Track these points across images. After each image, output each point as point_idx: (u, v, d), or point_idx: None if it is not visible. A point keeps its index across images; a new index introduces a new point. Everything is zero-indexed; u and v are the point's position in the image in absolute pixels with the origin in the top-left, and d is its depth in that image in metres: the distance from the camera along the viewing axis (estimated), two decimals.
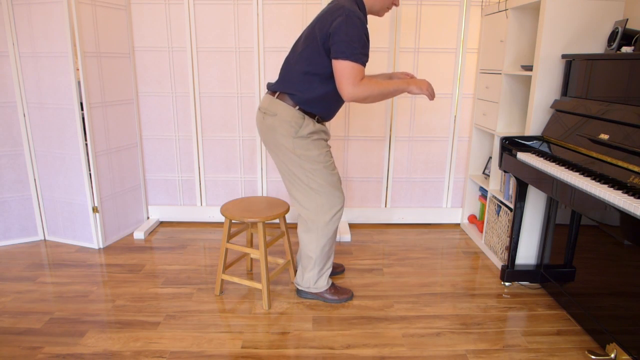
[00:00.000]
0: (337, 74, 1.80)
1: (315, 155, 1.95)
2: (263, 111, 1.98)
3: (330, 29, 1.77)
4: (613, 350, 1.71)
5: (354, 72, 1.77)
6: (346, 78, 1.78)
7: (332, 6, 1.84)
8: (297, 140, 1.92)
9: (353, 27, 1.75)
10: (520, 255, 2.35)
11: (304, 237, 2.08)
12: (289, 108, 1.91)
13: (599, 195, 1.54)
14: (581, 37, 2.08)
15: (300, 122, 1.92)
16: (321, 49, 1.82)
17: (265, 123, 1.97)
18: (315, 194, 1.99)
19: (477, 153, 2.98)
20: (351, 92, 1.80)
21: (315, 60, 1.85)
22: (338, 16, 1.76)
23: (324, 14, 1.84)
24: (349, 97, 1.81)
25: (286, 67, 1.96)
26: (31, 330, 1.92)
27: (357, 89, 1.79)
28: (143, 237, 2.91)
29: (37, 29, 2.47)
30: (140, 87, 2.96)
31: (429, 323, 2.01)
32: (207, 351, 1.80)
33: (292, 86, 1.91)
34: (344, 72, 1.77)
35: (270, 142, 1.98)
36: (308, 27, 1.92)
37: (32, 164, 2.72)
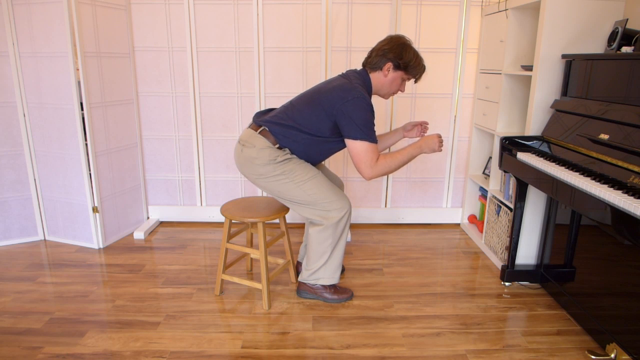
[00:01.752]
0: (354, 155, 1.93)
1: (296, 166, 1.98)
2: (242, 143, 2.02)
3: (341, 109, 1.87)
4: (613, 350, 1.71)
5: (370, 153, 1.91)
6: (363, 161, 1.91)
7: (345, 83, 1.93)
8: (277, 165, 1.96)
9: (364, 110, 1.87)
10: (520, 255, 2.35)
11: (317, 236, 2.05)
12: (268, 143, 1.96)
13: (599, 195, 1.54)
14: (581, 37, 2.08)
15: (278, 152, 1.96)
16: (324, 116, 1.92)
17: (243, 155, 2.00)
18: (317, 203, 1.99)
19: (477, 153, 2.98)
20: (369, 174, 1.94)
21: (312, 123, 1.94)
22: (352, 97, 1.87)
23: (336, 88, 1.92)
24: (369, 177, 1.95)
25: (281, 115, 2.00)
26: (31, 330, 1.92)
27: (375, 169, 1.93)
28: (143, 237, 2.91)
29: (37, 29, 2.47)
30: (140, 87, 2.96)
31: (429, 323, 2.01)
32: (207, 351, 1.80)
33: (278, 131, 1.97)
34: (361, 154, 1.91)
35: (251, 173, 2.01)
36: (313, 92, 2.00)
37: (32, 164, 2.72)
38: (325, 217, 2.01)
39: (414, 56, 1.98)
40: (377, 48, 2.01)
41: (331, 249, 2.06)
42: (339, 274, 2.14)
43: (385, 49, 1.97)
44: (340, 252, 2.10)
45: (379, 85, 2.04)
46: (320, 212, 2.01)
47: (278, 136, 1.97)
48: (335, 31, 2.85)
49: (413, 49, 1.99)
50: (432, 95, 2.99)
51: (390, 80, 2.01)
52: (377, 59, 1.99)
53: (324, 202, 1.99)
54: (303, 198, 1.99)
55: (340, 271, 2.15)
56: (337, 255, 2.09)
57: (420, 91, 2.97)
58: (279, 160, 1.95)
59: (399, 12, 2.83)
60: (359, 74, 2.02)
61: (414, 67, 1.99)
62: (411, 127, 2.25)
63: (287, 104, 2.06)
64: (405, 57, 1.96)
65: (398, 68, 1.98)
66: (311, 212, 2.03)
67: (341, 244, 2.08)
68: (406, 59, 1.96)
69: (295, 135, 1.96)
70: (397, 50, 1.96)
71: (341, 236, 2.07)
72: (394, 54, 1.96)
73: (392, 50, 1.96)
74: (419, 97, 2.98)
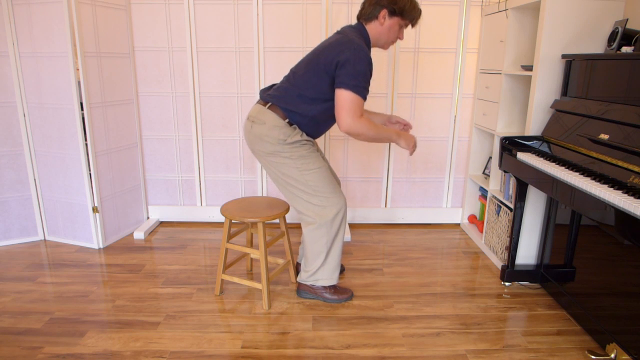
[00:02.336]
0: (338, 103, 1.85)
1: (306, 153, 1.97)
2: (252, 120, 2.00)
3: (337, 59, 1.82)
4: (613, 350, 1.71)
5: (354, 104, 1.83)
6: (346, 109, 1.83)
7: (341, 37, 1.88)
8: (286, 146, 1.94)
9: (360, 62, 1.81)
10: (520, 255, 2.35)
11: (311, 235, 2.05)
12: (278, 119, 1.94)
13: (599, 195, 1.54)
14: (581, 37, 2.08)
15: (289, 132, 1.95)
16: (323, 74, 1.87)
17: (252, 132, 1.98)
18: (314, 196, 1.99)
19: (477, 153, 2.98)
20: (348, 124, 1.85)
21: (313, 84, 1.90)
22: (347, 49, 1.81)
23: (332, 44, 1.88)
24: (345, 127, 1.86)
25: (283, 85, 1.99)
26: (31, 330, 1.92)
27: (354, 122, 1.85)
28: (143, 237, 2.91)
29: (37, 29, 2.47)
30: (140, 87, 2.96)
31: (429, 323, 2.01)
32: (207, 351, 1.80)
33: (285, 103, 1.95)
34: (344, 102, 1.83)
35: (259, 150, 2.00)
36: (311, 54, 1.96)
37: (32, 164, 2.72)
38: (318, 213, 2.00)
39: (409, 0, 1.93)
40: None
41: (327, 248, 2.05)
42: (337, 275, 2.14)
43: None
44: (337, 251, 2.09)
45: (377, 35, 1.98)
46: (314, 206, 2.00)
47: (286, 109, 1.94)
48: (335, 31, 2.85)
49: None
50: (432, 95, 2.99)
51: (387, 28, 1.96)
52: (370, 8, 1.94)
53: (320, 196, 1.98)
54: (302, 186, 1.98)
55: (338, 271, 2.14)
56: (334, 255, 2.09)
57: (420, 91, 2.97)
58: (289, 142, 1.93)
59: None
60: (354, 28, 1.97)
61: (410, 10, 1.93)
62: (395, 122, 2.24)
63: (289, 72, 2.02)
64: (400, 2, 1.91)
65: (394, 14, 1.93)
66: (305, 204, 2.01)
67: (337, 244, 2.08)
68: (401, 3, 1.91)
69: (301, 103, 1.92)
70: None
71: (337, 235, 2.06)
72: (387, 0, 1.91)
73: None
74: (419, 97, 2.98)
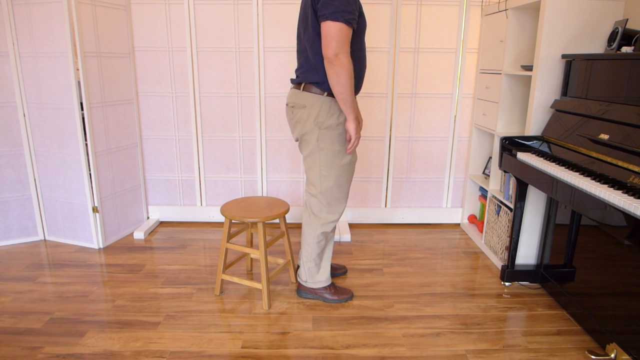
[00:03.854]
0: (324, 36, 1.74)
1: (337, 151, 1.94)
2: (291, 105, 1.98)
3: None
4: (613, 350, 1.71)
5: (337, 31, 1.72)
6: (333, 37, 1.72)
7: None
8: (323, 131, 1.91)
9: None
10: (520, 255, 2.35)
11: (305, 231, 2.11)
12: (317, 97, 1.90)
13: (599, 195, 1.54)
14: (581, 37, 2.08)
15: (330, 110, 1.89)
16: (317, 24, 1.80)
17: (295, 117, 1.97)
18: (324, 191, 2.00)
19: (477, 153, 2.98)
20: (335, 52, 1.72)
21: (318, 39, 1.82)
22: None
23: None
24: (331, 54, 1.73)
25: (301, 57, 1.95)
26: (31, 330, 1.92)
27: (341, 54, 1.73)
28: (143, 237, 2.91)
29: (37, 29, 2.47)
30: (140, 87, 2.96)
31: (429, 323, 2.01)
32: (207, 351, 1.80)
33: (314, 74, 1.88)
34: (330, 32, 1.72)
35: (299, 133, 1.97)
36: (301, 13, 1.92)
37: (32, 164, 2.72)
38: (317, 212, 2.03)
39: None
40: None
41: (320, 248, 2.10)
42: (327, 276, 2.18)
43: None
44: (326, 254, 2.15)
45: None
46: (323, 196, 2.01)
47: (318, 83, 1.88)
48: None
49: None
50: (432, 95, 2.99)
51: None
52: None
53: (329, 194, 2.00)
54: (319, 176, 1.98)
55: (329, 273, 2.18)
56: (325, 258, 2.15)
57: (420, 91, 2.97)
58: (325, 127, 1.90)
59: (399, 12, 2.83)
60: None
61: None
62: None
63: (299, 46, 1.97)
64: None
65: None
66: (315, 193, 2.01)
67: (328, 250, 2.15)
68: None
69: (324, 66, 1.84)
70: None
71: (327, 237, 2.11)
72: None
73: None
74: (419, 97, 2.98)
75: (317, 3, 1.76)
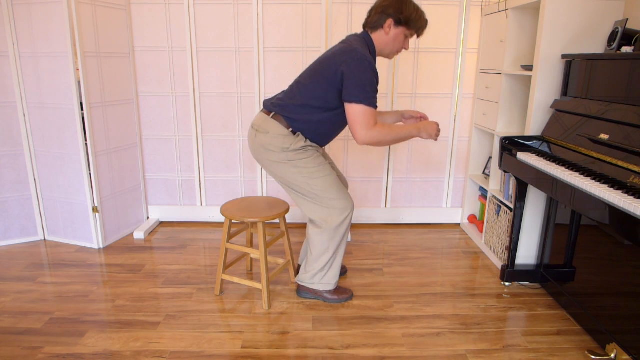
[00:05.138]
0: (351, 117, 1.85)
1: (311, 160, 1.97)
2: (255, 129, 2.00)
3: (341, 69, 1.82)
4: (613, 350, 1.71)
5: (367, 116, 1.83)
6: (359, 122, 1.83)
7: (345, 47, 1.87)
8: (289, 153, 1.95)
9: (365, 71, 1.80)
10: (520, 255, 2.35)
11: (316, 239, 2.05)
12: (282, 128, 1.95)
13: (599, 195, 1.54)
14: (581, 37, 2.08)
15: (292, 139, 1.95)
16: (327, 84, 1.87)
17: (257, 141, 1.99)
18: (320, 202, 1.99)
19: (477, 153, 2.98)
20: (364, 136, 1.85)
21: (318, 94, 1.90)
22: (351, 59, 1.81)
23: (336, 53, 1.87)
24: (362, 141, 1.86)
25: (287, 95, 1.99)
26: (31, 330, 1.92)
27: (370, 133, 1.85)
28: (143, 237, 2.91)
29: (37, 29, 2.47)
30: (140, 87, 2.96)
31: (429, 323, 2.01)
32: (207, 351, 1.80)
33: (288, 112, 1.95)
34: (357, 116, 1.83)
35: (264, 159, 2.00)
36: (315, 64, 1.96)
37: (32, 164, 2.72)
38: (325, 219, 2.00)
39: (415, 10, 1.92)
40: (376, 6, 1.95)
41: (331, 253, 2.06)
42: (337, 280, 2.14)
43: (384, 5, 1.91)
44: (339, 258, 2.11)
45: (382, 45, 1.97)
46: (321, 210, 2.00)
47: (290, 118, 1.94)
48: (335, 31, 2.85)
49: (413, 2, 1.93)
50: (432, 95, 2.99)
51: (392, 38, 1.95)
52: (377, 17, 1.93)
53: (327, 202, 1.98)
54: (308, 193, 1.98)
55: (338, 277, 2.15)
56: (337, 261, 2.10)
57: (420, 91, 2.97)
58: (292, 149, 1.93)
59: None
60: (360, 37, 1.97)
61: (416, 21, 1.93)
62: (409, 117, 2.22)
63: (293, 82, 2.02)
64: (406, 12, 1.90)
65: (399, 24, 1.92)
66: (313, 208, 2.02)
67: (340, 251, 2.09)
68: (407, 13, 1.90)
69: (305, 113, 1.92)
70: (396, 6, 1.90)
71: (341, 242, 2.06)
72: (394, 9, 1.90)
73: (392, 6, 1.90)
74: (419, 97, 2.98)
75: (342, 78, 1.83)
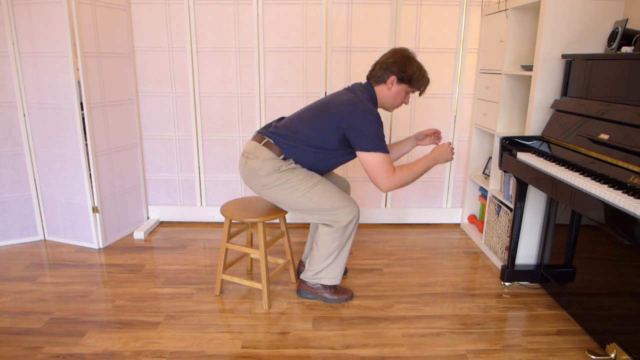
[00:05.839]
0: (369, 167, 1.91)
1: (302, 175, 1.97)
2: (246, 156, 2.02)
3: (349, 122, 1.88)
4: (613, 350, 1.71)
5: (385, 164, 1.90)
6: (380, 173, 1.90)
7: (353, 97, 1.93)
8: (280, 174, 1.96)
9: (373, 124, 1.88)
10: (520, 255, 2.35)
11: (326, 238, 2.04)
12: (272, 153, 1.97)
13: (599, 195, 1.54)
14: (581, 37, 2.08)
15: (283, 162, 1.97)
16: (331, 129, 1.92)
17: (247, 167, 2.00)
18: (323, 210, 1.99)
19: (477, 153, 2.98)
20: (387, 185, 1.92)
21: (319, 135, 1.95)
22: (359, 111, 1.88)
23: (344, 102, 1.92)
24: (386, 189, 1.93)
25: (285, 126, 2.01)
26: (31, 330, 1.92)
27: (392, 180, 1.91)
28: (143, 237, 2.91)
29: (37, 29, 2.47)
30: (140, 87, 2.96)
31: (429, 323, 2.01)
32: (207, 351, 1.80)
33: (284, 141, 1.98)
34: (375, 166, 1.90)
35: (255, 185, 2.02)
36: (319, 104, 2.00)
37: (32, 164, 2.72)
38: (334, 220, 2.00)
39: (418, 69, 1.98)
40: (380, 61, 2.00)
41: (338, 251, 2.06)
42: (341, 276, 2.14)
43: (389, 62, 1.97)
44: (345, 254, 2.10)
45: (384, 99, 2.04)
46: (328, 217, 2.00)
47: (283, 147, 1.97)
48: (335, 31, 2.86)
49: (417, 61, 1.99)
50: (432, 95, 2.99)
51: (394, 94, 2.02)
52: (381, 72, 1.99)
53: (330, 208, 1.98)
54: (309, 205, 1.98)
55: (342, 273, 2.15)
56: (342, 257, 2.10)
57: None
58: (283, 170, 1.95)
59: (399, 12, 2.83)
60: (364, 87, 2.03)
61: (418, 80, 1.99)
62: (423, 137, 2.27)
63: (293, 116, 2.06)
64: (409, 71, 1.96)
65: (402, 81, 1.99)
66: (319, 218, 2.02)
67: (347, 247, 2.09)
68: (410, 72, 1.96)
69: (302, 147, 1.96)
70: (400, 64, 1.96)
71: (348, 239, 2.06)
72: (397, 67, 1.96)
73: (396, 64, 1.96)
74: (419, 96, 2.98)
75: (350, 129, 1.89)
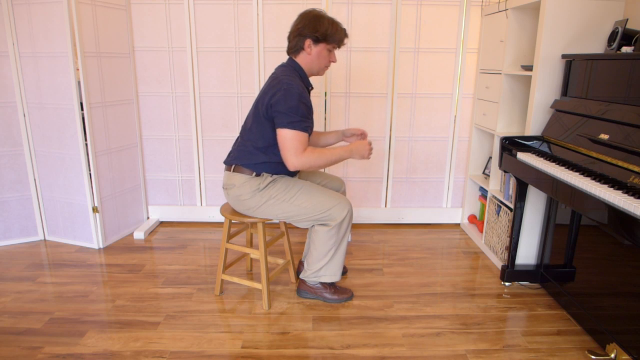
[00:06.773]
0: (280, 143, 1.91)
1: (283, 186, 1.99)
2: (225, 187, 2.06)
3: (270, 101, 1.89)
4: (613, 350, 1.71)
5: (295, 142, 1.88)
6: (288, 148, 1.88)
7: (271, 81, 1.96)
8: (262, 192, 1.98)
9: (291, 98, 1.86)
10: (520, 255, 2.35)
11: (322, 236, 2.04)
12: (246, 177, 1.99)
13: (599, 195, 1.54)
14: (581, 37, 2.08)
15: (258, 181, 1.99)
16: (265, 120, 1.94)
17: (230, 197, 2.05)
18: (314, 213, 1.99)
19: (477, 153, 2.98)
20: (294, 162, 1.90)
21: (261, 133, 1.96)
22: (277, 90, 1.88)
23: (265, 89, 1.95)
24: (292, 166, 1.91)
25: (238, 144, 2.05)
26: (31, 330, 1.92)
27: (299, 159, 1.89)
28: (143, 237, 2.91)
29: (37, 29, 2.47)
30: (140, 87, 2.96)
31: (429, 323, 2.01)
32: (207, 351, 1.80)
33: (245, 159, 2.00)
34: (285, 141, 1.88)
35: (244, 210, 2.05)
36: (253, 105, 2.03)
37: (32, 164, 2.72)
38: (329, 219, 2.01)
39: (330, 24, 1.96)
40: (292, 30, 2.00)
41: (335, 248, 2.06)
42: (340, 272, 2.14)
43: (299, 28, 1.96)
44: (343, 250, 2.10)
45: (309, 65, 2.02)
46: (322, 218, 2.01)
47: (249, 165, 1.99)
48: None
49: (327, 17, 1.97)
50: (432, 95, 2.99)
51: (316, 56, 2.00)
52: (295, 40, 1.98)
53: (322, 210, 1.98)
54: (301, 212, 1.99)
55: (342, 270, 2.15)
56: (340, 253, 2.10)
57: (420, 91, 2.97)
58: (262, 187, 1.97)
59: (399, 12, 2.83)
60: (285, 66, 2.03)
61: (333, 34, 1.97)
62: (350, 134, 2.28)
63: (240, 129, 2.10)
64: (321, 29, 1.94)
65: (318, 41, 1.97)
66: (315, 221, 2.03)
67: (344, 243, 2.09)
68: (322, 29, 1.95)
69: (258, 154, 1.98)
70: (311, 25, 1.94)
71: (344, 236, 2.07)
72: (309, 29, 1.94)
73: (307, 26, 1.95)
74: (419, 97, 2.98)
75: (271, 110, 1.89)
